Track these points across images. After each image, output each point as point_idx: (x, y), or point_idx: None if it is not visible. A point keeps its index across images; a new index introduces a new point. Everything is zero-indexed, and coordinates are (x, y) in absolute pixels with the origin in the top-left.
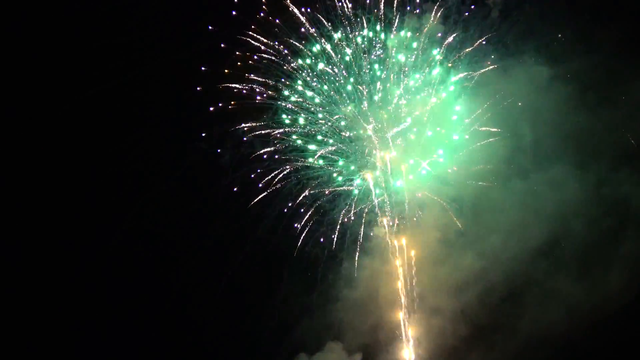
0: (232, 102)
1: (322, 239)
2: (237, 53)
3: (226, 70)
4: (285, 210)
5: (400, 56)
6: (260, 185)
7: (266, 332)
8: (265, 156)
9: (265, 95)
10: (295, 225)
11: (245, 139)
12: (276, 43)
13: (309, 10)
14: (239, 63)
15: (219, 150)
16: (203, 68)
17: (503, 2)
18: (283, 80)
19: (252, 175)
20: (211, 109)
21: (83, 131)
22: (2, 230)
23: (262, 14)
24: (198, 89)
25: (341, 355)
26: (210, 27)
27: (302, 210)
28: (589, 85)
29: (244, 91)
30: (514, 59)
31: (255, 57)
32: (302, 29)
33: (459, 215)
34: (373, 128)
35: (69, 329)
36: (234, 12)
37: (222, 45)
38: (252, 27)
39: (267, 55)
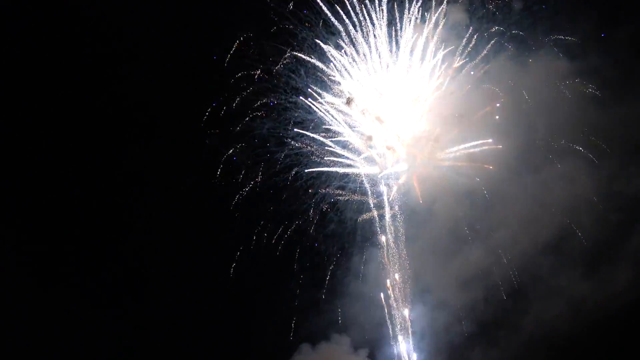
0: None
1: (333, 235)
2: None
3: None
4: (298, 206)
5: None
6: (273, 182)
7: (273, 325)
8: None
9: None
10: (307, 220)
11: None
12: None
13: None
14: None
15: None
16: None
17: None
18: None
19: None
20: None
21: (96, 131)
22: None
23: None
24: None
25: (345, 348)
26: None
27: (314, 206)
28: (605, 82)
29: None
30: (532, 52)
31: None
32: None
33: (469, 208)
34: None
35: (78, 326)
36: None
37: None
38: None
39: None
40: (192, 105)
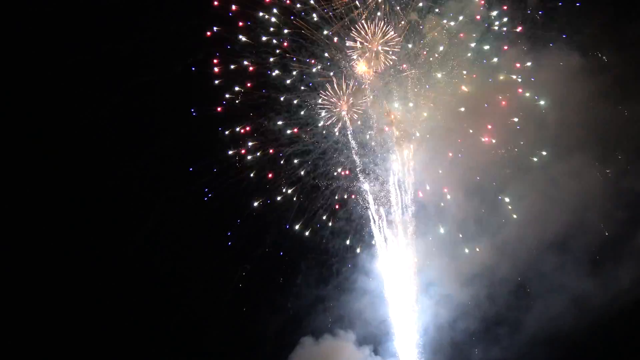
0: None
1: (339, 231)
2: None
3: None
4: (304, 203)
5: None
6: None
7: (277, 322)
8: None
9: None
10: (313, 217)
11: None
12: None
13: None
14: None
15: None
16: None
17: None
18: None
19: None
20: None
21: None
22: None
23: None
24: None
25: (349, 345)
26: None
27: (320, 202)
28: (616, 79)
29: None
30: (544, 47)
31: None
32: None
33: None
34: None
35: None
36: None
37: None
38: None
39: None
40: (201, 104)
